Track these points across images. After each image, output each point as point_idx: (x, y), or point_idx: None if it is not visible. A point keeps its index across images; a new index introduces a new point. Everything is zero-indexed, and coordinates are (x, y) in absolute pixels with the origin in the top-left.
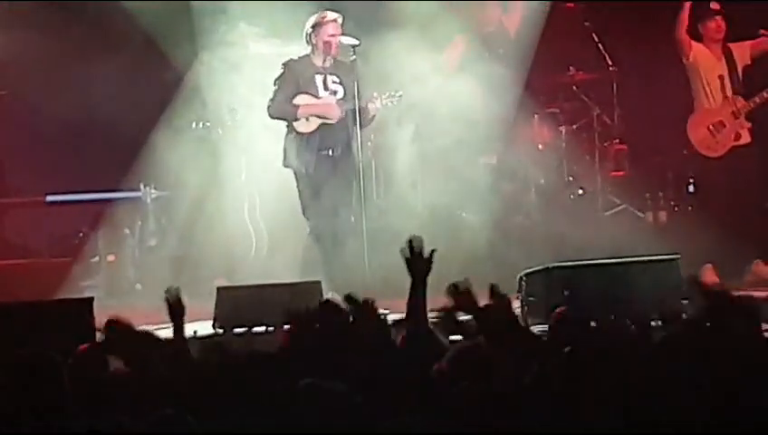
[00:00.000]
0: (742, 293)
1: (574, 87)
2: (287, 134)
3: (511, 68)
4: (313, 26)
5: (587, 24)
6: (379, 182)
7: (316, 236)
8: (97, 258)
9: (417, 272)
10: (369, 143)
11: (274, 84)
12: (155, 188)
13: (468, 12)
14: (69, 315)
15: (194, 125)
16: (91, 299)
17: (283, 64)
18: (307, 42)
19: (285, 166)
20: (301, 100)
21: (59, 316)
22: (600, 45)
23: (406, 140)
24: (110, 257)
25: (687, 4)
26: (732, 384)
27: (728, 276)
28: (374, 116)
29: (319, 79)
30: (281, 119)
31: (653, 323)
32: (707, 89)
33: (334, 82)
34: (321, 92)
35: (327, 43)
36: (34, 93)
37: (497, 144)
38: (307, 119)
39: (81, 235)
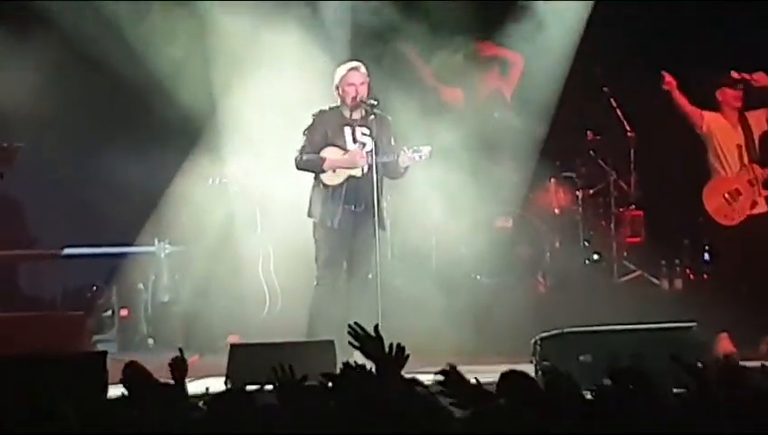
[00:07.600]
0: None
1: (591, 151)
2: (314, 186)
3: (512, 131)
4: (338, 76)
5: (605, 89)
6: (395, 242)
7: (326, 289)
8: (110, 313)
9: (373, 354)
10: (384, 203)
11: (303, 135)
12: (169, 244)
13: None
14: (82, 369)
15: (210, 181)
16: (104, 353)
17: (313, 115)
18: (336, 94)
19: (309, 216)
20: (328, 153)
21: (71, 370)
22: (618, 110)
23: (421, 200)
24: (123, 312)
25: (673, 83)
26: None
27: (744, 345)
28: (407, 168)
29: (348, 131)
30: (308, 171)
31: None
32: (723, 157)
33: (363, 135)
34: (350, 145)
35: (346, 92)
36: (51, 147)
37: (513, 207)
38: (334, 171)
39: (94, 289)
